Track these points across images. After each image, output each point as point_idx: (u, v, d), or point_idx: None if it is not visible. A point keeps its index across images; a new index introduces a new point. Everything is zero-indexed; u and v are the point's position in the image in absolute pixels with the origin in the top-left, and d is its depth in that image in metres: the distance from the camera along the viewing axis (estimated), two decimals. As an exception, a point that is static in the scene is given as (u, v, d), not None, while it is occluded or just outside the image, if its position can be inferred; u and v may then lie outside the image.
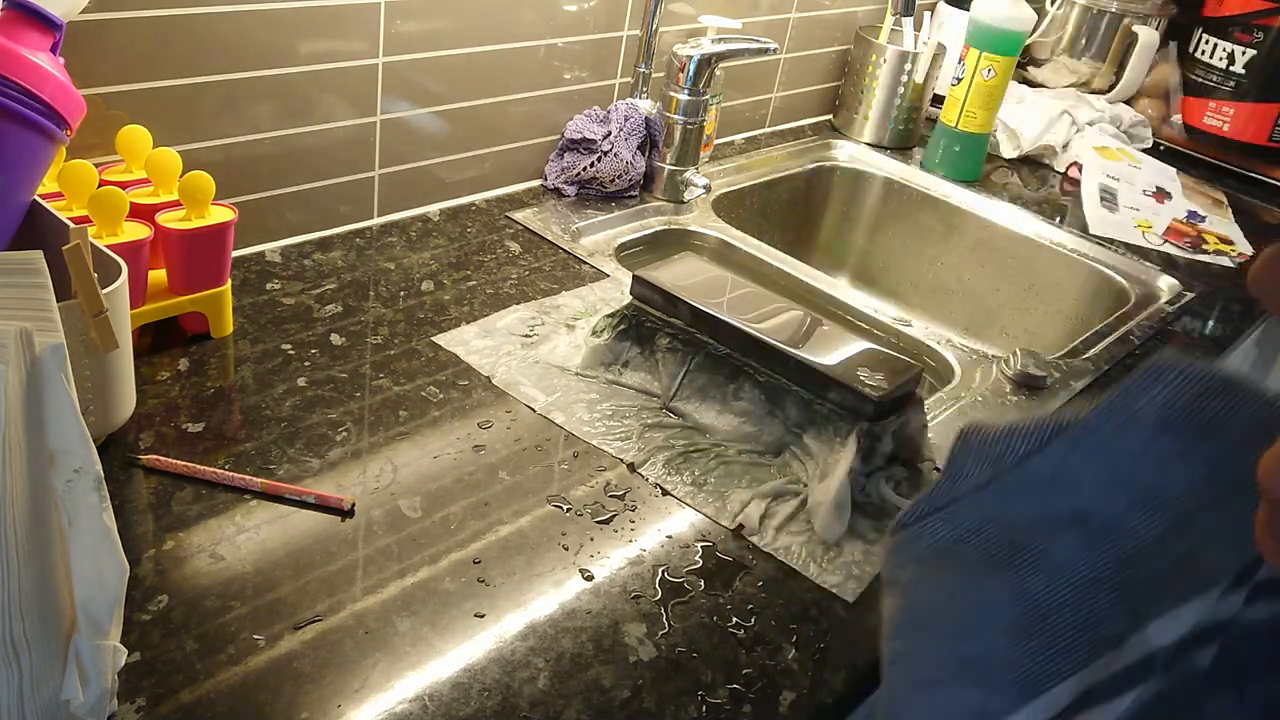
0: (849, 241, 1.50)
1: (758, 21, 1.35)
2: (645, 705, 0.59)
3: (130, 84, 0.81)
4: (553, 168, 1.16)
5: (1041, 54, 1.68)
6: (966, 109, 1.39)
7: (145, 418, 0.72)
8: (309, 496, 0.68)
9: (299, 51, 0.90)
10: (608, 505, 0.73)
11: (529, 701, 0.58)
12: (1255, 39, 1.55)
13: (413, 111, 1.01)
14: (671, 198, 1.20)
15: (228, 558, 0.63)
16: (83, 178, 0.74)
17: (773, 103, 1.46)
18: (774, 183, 1.37)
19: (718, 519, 0.74)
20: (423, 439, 0.76)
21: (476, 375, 0.83)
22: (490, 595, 0.64)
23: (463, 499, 0.71)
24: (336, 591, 0.62)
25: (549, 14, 1.08)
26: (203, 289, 0.80)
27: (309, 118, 0.93)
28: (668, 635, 0.64)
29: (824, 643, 0.66)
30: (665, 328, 0.85)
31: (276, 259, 0.94)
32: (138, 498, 0.66)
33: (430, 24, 0.98)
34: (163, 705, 0.54)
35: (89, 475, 0.46)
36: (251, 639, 0.58)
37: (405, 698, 0.57)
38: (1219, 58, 1.60)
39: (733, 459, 0.80)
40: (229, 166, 0.89)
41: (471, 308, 0.92)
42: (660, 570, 0.69)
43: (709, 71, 1.15)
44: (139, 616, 0.58)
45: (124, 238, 0.73)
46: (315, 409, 0.76)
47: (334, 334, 0.85)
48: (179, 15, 0.82)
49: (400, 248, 1.00)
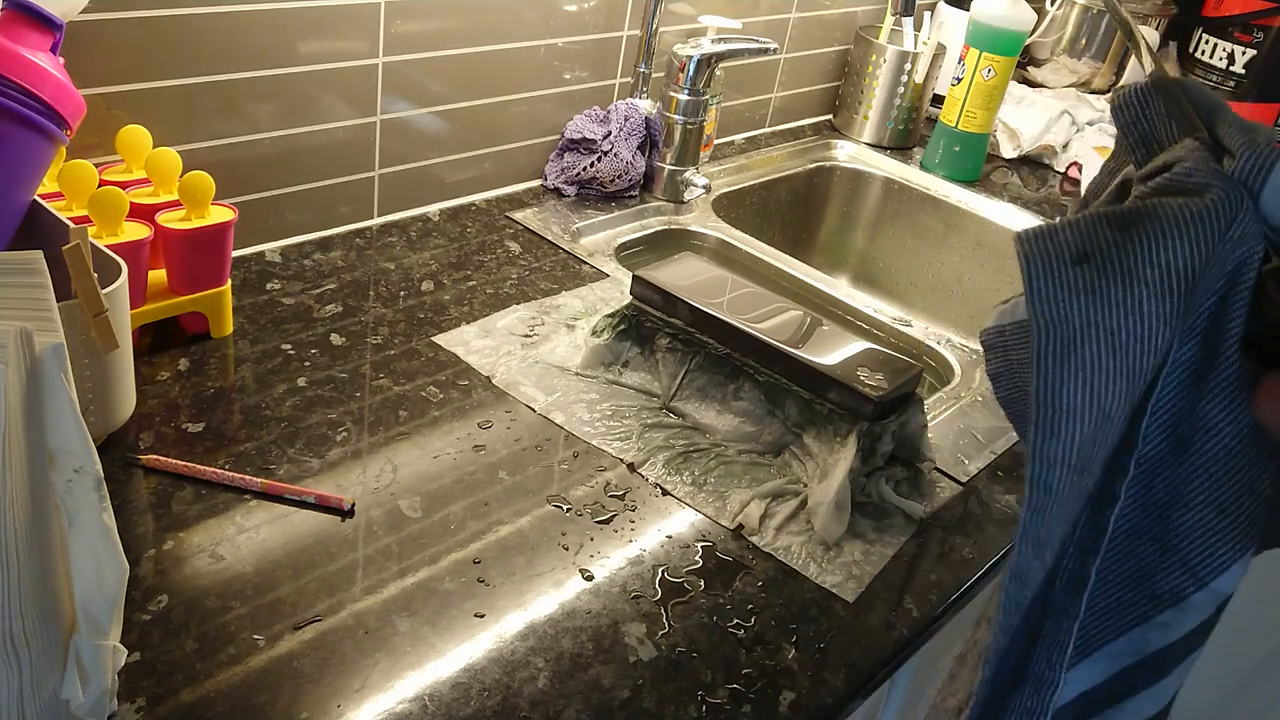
0: (849, 241, 1.50)
1: (758, 21, 1.35)
2: (645, 705, 0.59)
3: (130, 84, 0.81)
4: (553, 168, 1.16)
5: (1041, 54, 1.68)
6: (966, 109, 1.39)
7: (145, 418, 0.72)
8: (309, 496, 0.68)
9: (299, 51, 0.90)
10: (608, 505, 0.73)
11: (529, 701, 0.58)
12: (1255, 39, 1.55)
13: (413, 111, 1.01)
14: (671, 198, 1.20)
15: (228, 558, 0.63)
16: (83, 178, 0.74)
17: (773, 103, 1.46)
18: (774, 183, 1.37)
19: (718, 519, 0.74)
20: (423, 439, 0.76)
21: (476, 375, 0.83)
22: (490, 595, 0.64)
23: (463, 499, 0.71)
24: (336, 591, 0.62)
25: (549, 14, 1.08)
26: (203, 289, 0.80)
27: (309, 118, 0.93)
28: (668, 635, 0.64)
29: (824, 643, 0.66)
30: (665, 328, 0.85)
31: (276, 259, 0.94)
32: (138, 498, 0.66)
33: (430, 24, 0.98)
34: (163, 705, 0.54)
35: (89, 475, 0.46)
36: (251, 639, 0.58)
37: (405, 698, 0.57)
38: (1219, 58, 1.60)
39: (733, 459, 0.80)
40: (229, 166, 0.89)
41: (471, 308, 0.92)
42: (660, 570, 0.69)
43: (709, 71, 1.15)
44: (139, 616, 0.58)
45: (124, 238, 0.73)
46: (315, 409, 0.76)
47: (334, 334, 0.85)
48: (179, 15, 0.82)
49: (400, 248, 1.00)
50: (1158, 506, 0.35)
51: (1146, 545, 0.36)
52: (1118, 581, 0.36)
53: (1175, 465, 0.35)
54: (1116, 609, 0.37)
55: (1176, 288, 0.33)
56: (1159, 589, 0.36)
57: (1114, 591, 0.37)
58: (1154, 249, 0.33)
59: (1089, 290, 0.33)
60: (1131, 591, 0.36)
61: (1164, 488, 0.35)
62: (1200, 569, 0.36)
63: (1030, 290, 0.34)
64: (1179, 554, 0.36)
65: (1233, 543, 0.35)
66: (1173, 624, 0.36)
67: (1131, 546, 0.36)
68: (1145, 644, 0.37)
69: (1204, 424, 0.34)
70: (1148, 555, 0.36)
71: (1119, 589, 0.36)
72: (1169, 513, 0.35)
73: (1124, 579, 0.36)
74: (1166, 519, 0.35)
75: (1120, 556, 0.36)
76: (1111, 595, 0.37)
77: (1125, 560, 0.36)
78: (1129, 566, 0.36)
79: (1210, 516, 0.35)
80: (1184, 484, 0.35)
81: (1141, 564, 0.36)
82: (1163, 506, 0.35)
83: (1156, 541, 0.36)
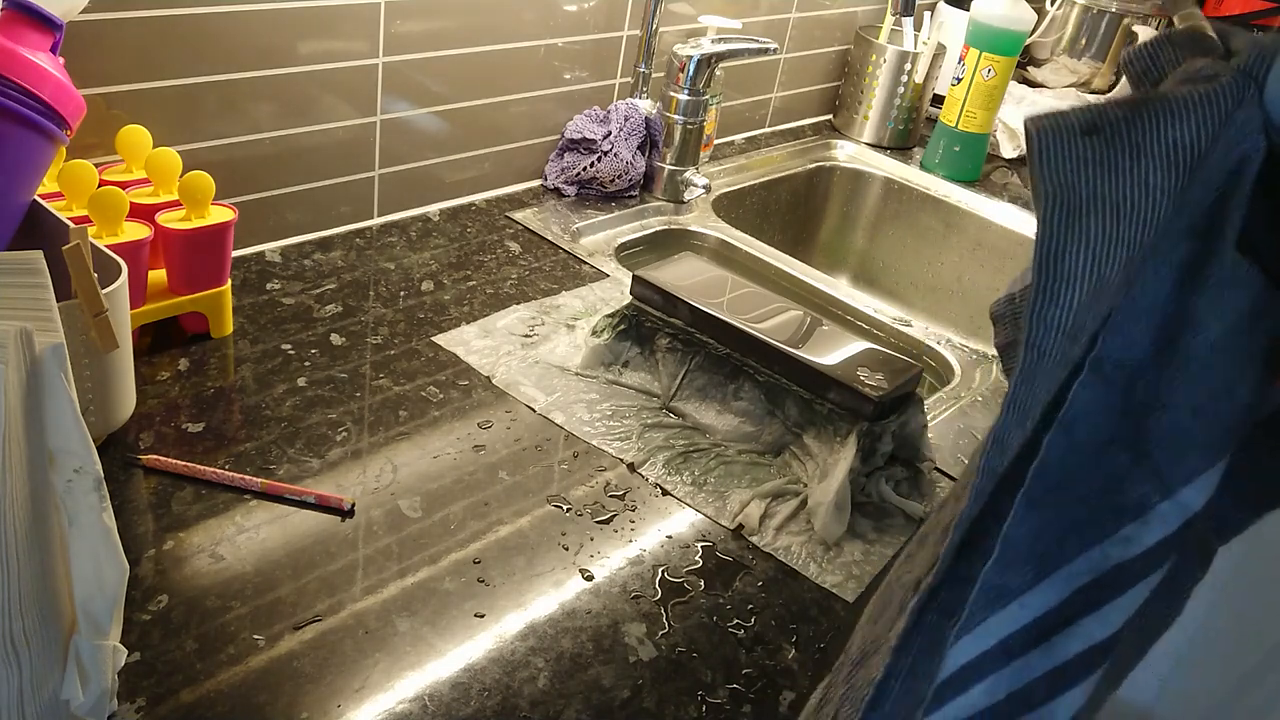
0: (849, 241, 1.50)
1: (758, 21, 1.35)
2: (645, 705, 0.59)
3: (130, 84, 0.81)
4: (553, 168, 1.16)
5: (1041, 54, 1.68)
6: (966, 109, 1.39)
7: (145, 418, 0.72)
8: (309, 496, 0.68)
9: (299, 51, 0.90)
10: (608, 505, 0.73)
11: (529, 701, 0.58)
12: (1255, 39, 1.55)
13: (413, 111, 1.01)
14: (671, 198, 1.20)
15: (228, 558, 0.63)
16: (83, 178, 0.74)
17: (773, 103, 1.46)
18: (774, 183, 1.37)
19: (718, 519, 0.74)
20: (423, 439, 0.76)
21: (476, 375, 0.83)
22: (490, 595, 0.64)
23: (463, 499, 0.71)
24: (336, 591, 0.62)
25: (549, 14, 1.08)
26: (203, 289, 0.80)
27: (309, 118, 0.93)
28: (668, 635, 0.64)
29: (824, 643, 0.66)
30: (665, 328, 0.85)
31: (276, 259, 0.94)
32: (138, 498, 0.66)
33: (430, 24, 0.98)
34: (163, 705, 0.54)
35: (89, 475, 0.46)
36: (251, 639, 0.58)
37: (405, 698, 0.57)
38: (1219, 58, 1.60)
39: (733, 459, 0.80)
40: (229, 166, 0.89)
41: (471, 308, 0.92)
42: (660, 570, 0.69)
43: (709, 71, 1.15)
44: (139, 616, 0.58)
45: (124, 238, 0.73)
46: (315, 409, 0.76)
47: (334, 334, 0.85)
48: (179, 15, 0.82)
49: (400, 248, 1.00)
50: (1136, 412, 0.35)
51: (1119, 453, 0.36)
52: (1086, 495, 0.36)
53: (1158, 367, 0.35)
54: (1081, 526, 0.36)
55: (1182, 162, 0.33)
56: (1126, 500, 0.36)
57: (1080, 507, 0.36)
58: (1162, 125, 0.34)
59: (1097, 161, 0.34)
60: (1098, 506, 0.36)
61: (1144, 390, 0.35)
62: (1168, 476, 0.36)
63: (1038, 160, 0.35)
64: (1150, 461, 0.36)
65: (1204, 449, 0.36)
66: (1134, 538, 0.36)
67: (1104, 455, 0.36)
68: (1104, 560, 0.37)
69: (1190, 319, 0.35)
70: (1120, 463, 0.36)
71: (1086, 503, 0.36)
72: (1145, 418, 0.35)
73: (1093, 492, 0.36)
74: (1142, 424, 0.35)
75: (1091, 468, 0.36)
76: (1079, 511, 0.36)
77: (1096, 471, 0.36)
78: (1099, 478, 0.36)
79: (1185, 419, 0.35)
80: (1165, 384, 0.35)
81: (1113, 473, 0.36)
82: (1140, 411, 0.35)
83: (1130, 449, 0.36)
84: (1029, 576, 0.37)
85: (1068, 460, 0.36)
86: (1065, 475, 0.36)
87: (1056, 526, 0.37)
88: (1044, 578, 0.37)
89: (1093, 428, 0.35)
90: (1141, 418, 0.36)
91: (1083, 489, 0.36)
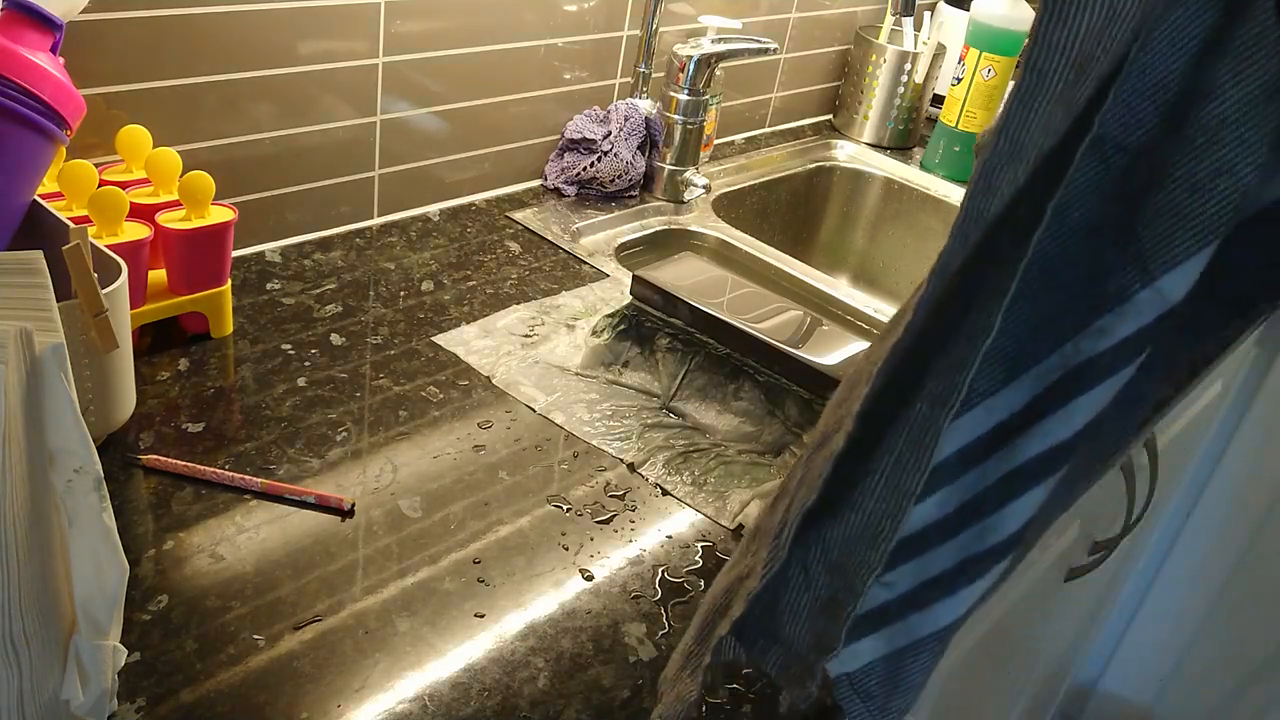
0: (849, 241, 1.50)
1: (758, 21, 1.35)
2: (645, 705, 0.59)
3: (130, 84, 0.81)
4: (553, 168, 1.16)
5: (1041, 54, 1.68)
6: (966, 109, 1.39)
7: (145, 418, 0.72)
8: (309, 496, 0.68)
9: (299, 51, 0.90)
10: (608, 505, 0.73)
11: (529, 701, 0.58)
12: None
13: (413, 111, 1.01)
14: (671, 198, 1.20)
15: (228, 558, 0.63)
16: (83, 178, 0.74)
17: (773, 103, 1.46)
18: (774, 183, 1.37)
19: (718, 519, 0.74)
20: (423, 439, 0.76)
21: (476, 375, 0.83)
22: (490, 595, 0.64)
23: (463, 499, 0.71)
24: (336, 591, 0.62)
25: (549, 14, 1.08)
26: (203, 289, 0.80)
27: (309, 118, 0.93)
28: (668, 635, 0.64)
29: (824, 643, 0.66)
30: (665, 328, 0.85)
31: (276, 259, 0.94)
32: (138, 498, 0.66)
33: (430, 24, 0.98)
34: (163, 705, 0.54)
35: (89, 475, 0.46)
36: (251, 639, 0.58)
37: (405, 698, 0.57)
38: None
39: (733, 459, 0.80)
40: (229, 166, 0.89)
41: (471, 308, 0.92)
42: (660, 570, 0.69)
43: (709, 71, 1.15)
44: (139, 616, 0.58)
45: (124, 238, 0.73)
46: (315, 409, 0.76)
47: (334, 334, 0.85)
48: (179, 15, 0.82)
49: (400, 248, 1.00)
50: (1130, 195, 0.34)
51: (1104, 240, 0.34)
52: (1070, 282, 0.35)
53: (1163, 143, 0.33)
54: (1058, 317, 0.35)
55: None
56: (1105, 290, 0.35)
57: (1062, 295, 0.35)
58: None
59: None
60: (1078, 294, 0.35)
61: (1145, 170, 0.34)
62: (1152, 262, 0.34)
63: None
64: (1136, 244, 0.34)
65: (1193, 231, 0.34)
66: (1108, 329, 0.35)
67: (1090, 239, 0.34)
68: (1075, 354, 0.35)
69: (1205, 88, 0.33)
70: (1102, 250, 0.34)
71: (1063, 293, 0.35)
72: (1140, 198, 0.34)
73: (1076, 279, 0.35)
74: (1136, 204, 0.34)
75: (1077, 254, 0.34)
76: (1059, 299, 0.35)
77: (1081, 257, 0.34)
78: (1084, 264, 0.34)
79: (1181, 196, 0.34)
80: (1166, 159, 0.33)
81: (1097, 258, 0.34)
82: (1136, 193, 0.34)
83: (1117, 231, 0.34)
84: (999, 378, 0.36)
85: (1055, 248, 0.34)
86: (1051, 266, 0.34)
87: (1035, 318, 0.35)
88: (1014, 379, 0.36)
89: (1085, 212, 0.34)
90: (1136, 199, 0.34)
91: (1067, 275, 0.34)
